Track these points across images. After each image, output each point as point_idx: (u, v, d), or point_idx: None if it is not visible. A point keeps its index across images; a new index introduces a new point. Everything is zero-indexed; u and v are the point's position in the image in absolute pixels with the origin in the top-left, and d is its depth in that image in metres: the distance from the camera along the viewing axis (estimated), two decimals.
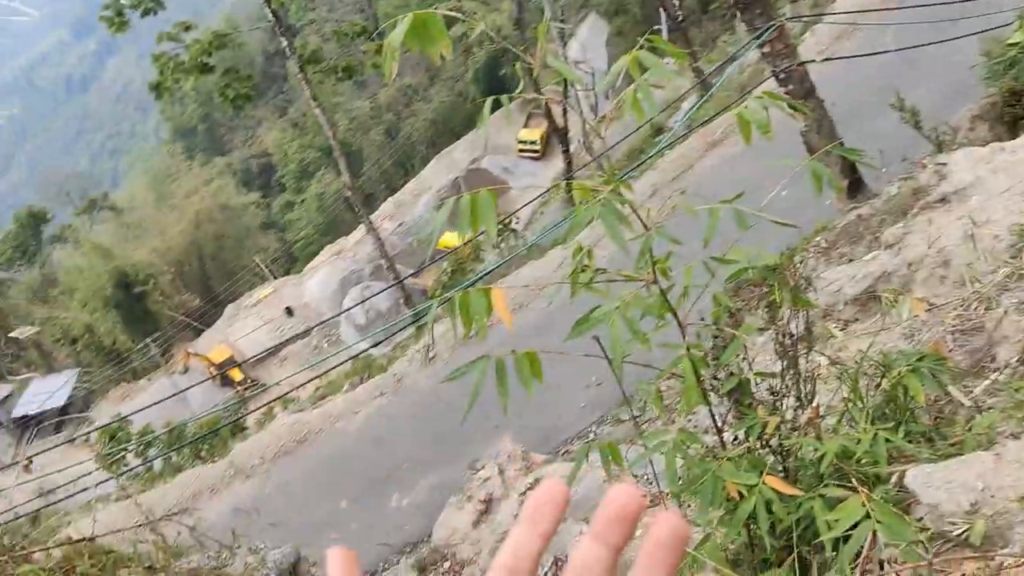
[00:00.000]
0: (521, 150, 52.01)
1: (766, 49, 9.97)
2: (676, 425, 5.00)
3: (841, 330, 7.75)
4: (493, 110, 2.97)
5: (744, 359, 4.92)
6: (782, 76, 10.16)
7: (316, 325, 39.90)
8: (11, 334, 53.43)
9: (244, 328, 47.83)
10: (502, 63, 59.55)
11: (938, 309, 5.98)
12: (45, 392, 45.85)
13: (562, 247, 23.74)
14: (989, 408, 4.60)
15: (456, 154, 57.00)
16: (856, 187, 10.87)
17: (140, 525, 10.20)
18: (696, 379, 4.01)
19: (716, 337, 4.52)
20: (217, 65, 23.71)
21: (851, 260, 9.16)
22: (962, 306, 5.76)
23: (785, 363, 4.81)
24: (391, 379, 23.39)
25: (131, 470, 31.16)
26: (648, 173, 24.30)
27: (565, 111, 30.75)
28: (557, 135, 30.84)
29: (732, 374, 4.61)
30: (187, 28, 21.69)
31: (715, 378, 4.66)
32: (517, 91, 3.32)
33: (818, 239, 10.31)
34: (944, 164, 8.54)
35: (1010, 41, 10.16)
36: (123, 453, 30.75)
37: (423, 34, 3.24)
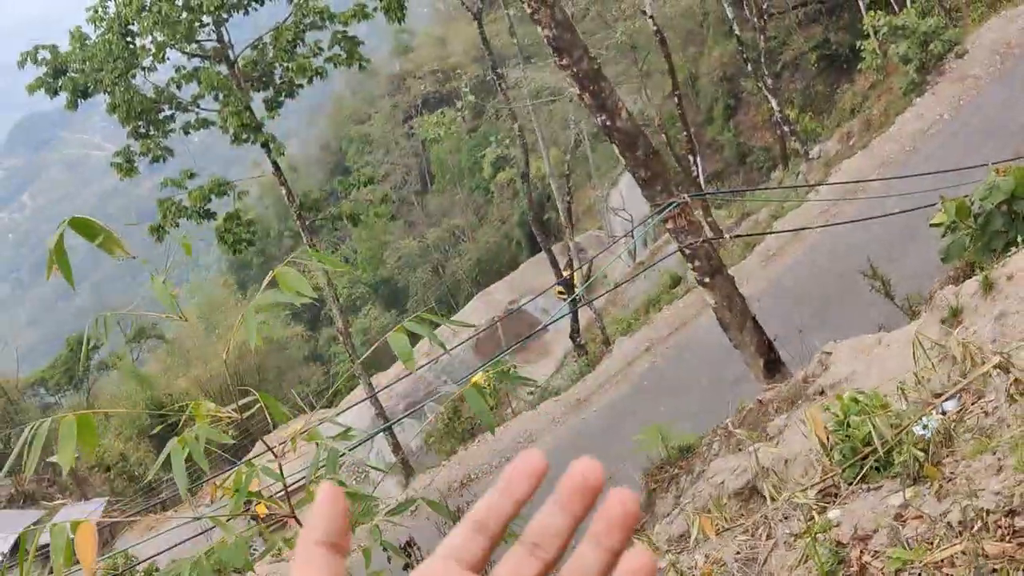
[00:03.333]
0: (560, 292, 52.33)
1: (670, 225, 9.77)
2: None
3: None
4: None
5: None
6: (688, 252, 9.91)
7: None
8: (49, 459, 54.07)
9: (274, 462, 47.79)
10: (547, 208, 60.63)
11: (730, 530, 5.50)
12: (72, 518, 45.89)
13: (554, 399, 23.41)
14: None
15: (497, 295, 57.56)
16: (774, 366, 10.39)
17: None
18: None
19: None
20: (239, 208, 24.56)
21: (739, 450, 8.66)
22: (747, 531, 5.28)
23: None
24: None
25: None
26: (644, 328, 24.02)
27: (570, 263, 30.85)
28: (567, 286, 30.89)
29: None
30: (191, 176, 22.54)
31: None
32: None
33: (727, 422, 9.83)
34: (829, 354, 8.12)
35: (932, 222, 9.79)
36: None
37: (87, 229, 3.15)
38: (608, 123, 9.26)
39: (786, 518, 5.00)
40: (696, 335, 21.55)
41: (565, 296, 52.00)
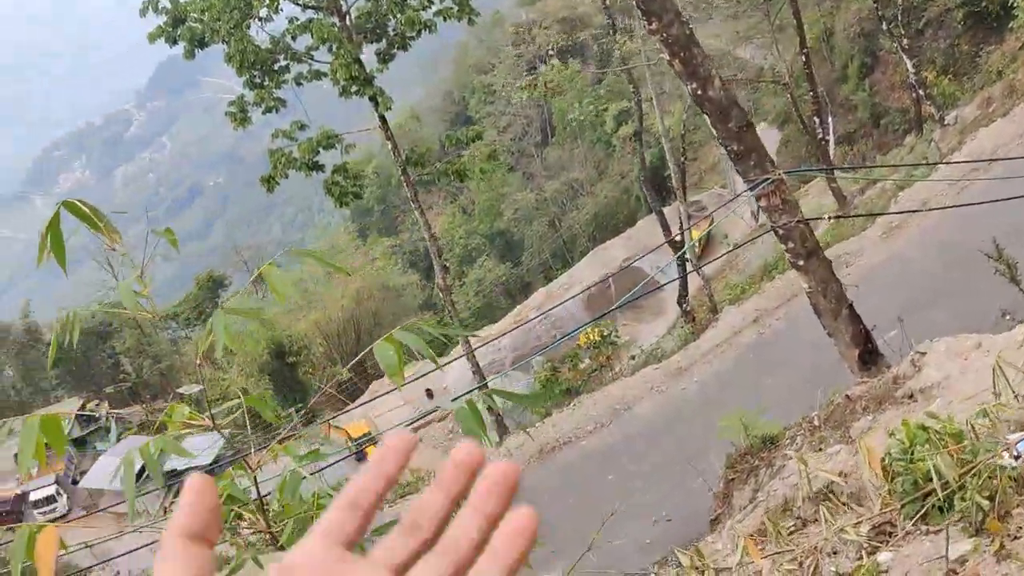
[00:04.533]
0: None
1: (763, 203, 9.11)
2: None
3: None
4: None
5: None
6: (781, 233, 9.23)
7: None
8: (178, 390, 56.88)
9: (385, 405, 48.85)
10: (667, 164, 59.20)
11: (780, 555, 5.05)
12: (195, 450, 48.21)
13: (654, 366, 22.91)
14: None
15: (612, 251, 56.74)
16: (870, 358, 9.64)
17: None
18: None
19: None
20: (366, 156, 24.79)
21: (820, 448, 8.10)
22: (796, 559, 4.83)
23: None
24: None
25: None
26: (755, 297, 23.16)
27: (681, 225, 29.95)
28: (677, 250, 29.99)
29: None
30: (301, 127, 22.78)
31: None
32: None
33: (813, 415, 9.23)
34: (923, 354, 7.43)
35: None
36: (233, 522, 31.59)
37: (79, 213, 3.07)
38: (699, 92, 8.65)
39: (835, 552, 4.54)
40: (805, 308, 20.65)
41: (688, 256, 50.70)
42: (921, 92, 30.05)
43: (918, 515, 4.23)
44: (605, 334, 34.71)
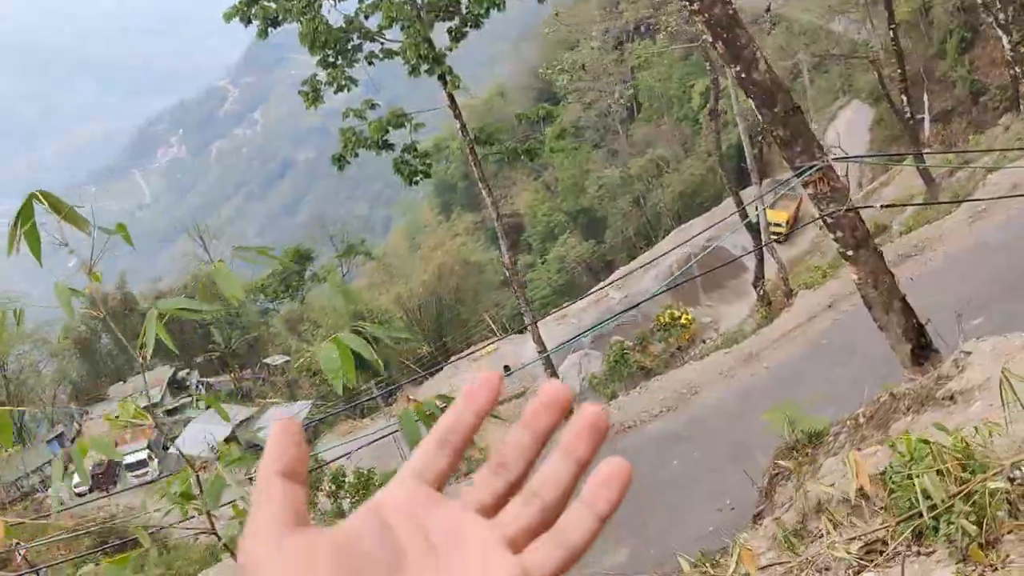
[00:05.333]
0: (775, 233, 49.90)
1: (810, 191, 8.73)
2: None
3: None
4: None
5: None
6: (830, 221, 8.84)
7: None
8: (265, 360, 58.49)
9: (463, 381, 49.21)
10: (755, 142, 57.77)
11: (776, 566, 4.85)
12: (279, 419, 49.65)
13: (724, 351, 22.45)
14: None
15: (696, 230, 55.81)
16: (923, 353, 9.19)
17: None
18: None
19: None
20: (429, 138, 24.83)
21: (860, 448, 7.78)
22: (790, 572, 4.62)
23: None
24: None
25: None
26: (832, 282, 22.50)
27: (757, 206, 29.17)
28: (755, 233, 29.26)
29: None
30: (372, 106, 22.91)
31: None
32: None
33: (858, 412, 8.87)
34: (968, 354, 7.04)
35: None
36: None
37: (50, 201, 3.13)
38: (743, 75, 8.32)
39: (826, 569, 4.33)
40: None
41: (779, 235, 49.29)
42: (1018, 69, 28.52)
43: (912, 532, 3.99)
44: (676, 316, 34.11)
